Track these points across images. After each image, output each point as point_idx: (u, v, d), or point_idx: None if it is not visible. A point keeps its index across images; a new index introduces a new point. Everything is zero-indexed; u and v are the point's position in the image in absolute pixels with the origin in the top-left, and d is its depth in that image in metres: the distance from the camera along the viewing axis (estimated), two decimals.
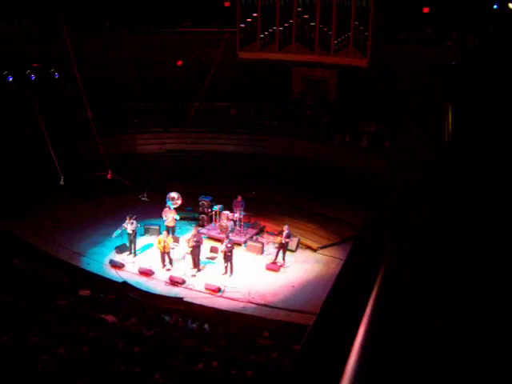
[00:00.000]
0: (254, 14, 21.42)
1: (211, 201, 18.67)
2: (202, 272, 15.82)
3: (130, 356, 9.10)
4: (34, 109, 18.05)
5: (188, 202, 18.80)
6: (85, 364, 8.56)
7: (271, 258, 16.52)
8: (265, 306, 14.13)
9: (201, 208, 18.75)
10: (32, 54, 21.02)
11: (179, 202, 17.90)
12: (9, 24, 22.47)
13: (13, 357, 8.44)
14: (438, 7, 19.97)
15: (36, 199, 19.23)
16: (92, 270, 15.54)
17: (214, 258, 16.58)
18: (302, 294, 14.66)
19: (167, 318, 12.22)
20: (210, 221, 18.66)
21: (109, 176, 18.05)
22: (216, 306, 13.86)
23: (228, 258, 15.48)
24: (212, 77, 19.00)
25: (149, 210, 18.85)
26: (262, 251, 16.98)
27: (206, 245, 16.56)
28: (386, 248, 6.22)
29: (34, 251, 16.10)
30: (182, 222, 18.51)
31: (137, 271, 15.71)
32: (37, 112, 17.97)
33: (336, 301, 5.34)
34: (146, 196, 19.30)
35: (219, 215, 18.10)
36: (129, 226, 16.36)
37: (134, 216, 16.53)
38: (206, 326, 11.71)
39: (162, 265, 15.95)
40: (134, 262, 16.25)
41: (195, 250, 15.66)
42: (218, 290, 14.71)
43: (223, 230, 17.27)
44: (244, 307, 14.02)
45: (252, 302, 14.27)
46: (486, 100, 11.87)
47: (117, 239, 16.87)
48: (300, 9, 20.78)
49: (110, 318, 11.16)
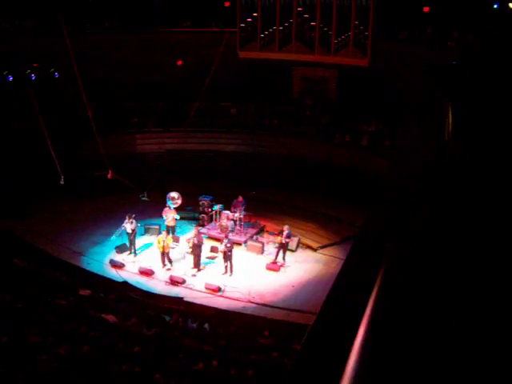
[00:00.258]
0: (254, 14, 21.41)
1: (211, 200, 18.69)
2: (202, 272, 15.84)
3: (130, 356, 9.10)
4: (34, 109, 18.06)
5: (188, 201, 18.82)
6: (85, 364, 8.56)
7: (271, 258, 16.53)
8: (265, 305, 14.14)
9: (201, 208, 18.77)
10: (32, 53, 21.04)
11: (179, 201, 17.91)
12: (9, 23, 22.48)
13: (13, 357, 8.44)
14: (438, 7, 19.97)
15: (36, 199, 19.23)
16: (92, 270, 15.55)
17: (214, 257, 16.60)
18: (302, 293, 14.67)
19: (167, 318, 12.24)
20: (210, 220, 18.69)
21: (109, 176, 18.05)
22: (216, 305, 13.87)
23: (228, 257, 15.49)
24: (212, 77, 19.00)
25: (149, 210, 18.90)
26: (262, 251, 16.98)
27: (206, 244, 16.55)
28: (385, 248, 6.21)
29: (34, 251, 16.10)
30: (182, 221, 18.53)
31: (137, 271, 15.72)
32: (37, 112, 17.97)
33: (336, 301, 5.33)
34: (145, 196, 19.33)
35: (219, 215, 18.12)
36: (128, 225, 16.36)
37: (134, 215, 16.52)
38: (206, 325, 11.72)
39: (162, 265, 15.97)
40: (134, 262, 16.27)
41: (196, 249, 15.68)
42: (218, 289, 14.72)
43: (223, 229, 17.27)
44: (244, 307, 14.03)
45: (252, 302, 14.28)
46: (486, 100, 11.85)
47: (117, 239, 16.87)
48: (300, 8, 20.76)
49: (110, 317, 11.16)
